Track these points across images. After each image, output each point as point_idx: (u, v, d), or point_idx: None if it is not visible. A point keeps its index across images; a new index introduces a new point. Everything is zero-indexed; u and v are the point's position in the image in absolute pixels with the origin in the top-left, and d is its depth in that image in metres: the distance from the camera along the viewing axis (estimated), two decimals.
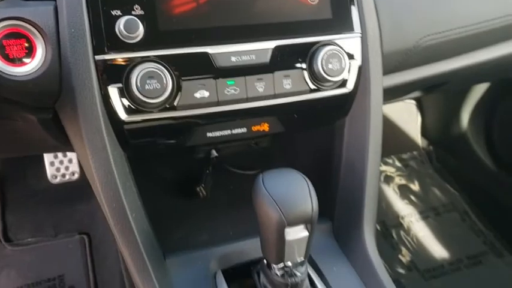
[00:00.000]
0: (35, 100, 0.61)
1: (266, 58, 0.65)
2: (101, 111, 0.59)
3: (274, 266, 0.62)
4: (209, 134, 0.69)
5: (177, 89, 0.61)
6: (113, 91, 0.59)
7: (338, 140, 0.76)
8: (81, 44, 0.58)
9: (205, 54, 0.63)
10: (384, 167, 1.87)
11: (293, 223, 0.57)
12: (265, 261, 0.64)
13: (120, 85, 0.59)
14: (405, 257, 1.61)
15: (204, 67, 0.63)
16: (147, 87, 0.59)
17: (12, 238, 1.40)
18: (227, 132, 0.70)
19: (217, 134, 0.69)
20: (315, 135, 0.81)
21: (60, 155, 1.44)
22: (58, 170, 1.44)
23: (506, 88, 1.63)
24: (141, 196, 0.67)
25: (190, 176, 0.84)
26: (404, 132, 1.96)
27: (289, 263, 0.62)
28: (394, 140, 1.92)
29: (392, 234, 1.64)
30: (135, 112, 0.61)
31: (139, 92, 0.58)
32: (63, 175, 1.45)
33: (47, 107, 0.63)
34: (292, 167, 0.61)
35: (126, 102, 0.60)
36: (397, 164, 1.89)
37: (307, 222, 0.58)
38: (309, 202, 0.57)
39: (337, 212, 0.77)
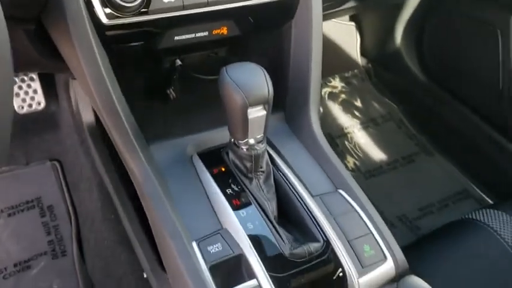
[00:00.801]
0: (22, 10, 0.70)
1: None
2: (85, 16, 0.69)
3: (240, 142, 0.77)
4: (176, 38, 0.80)
5: None
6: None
7: (286, 42, 0.90)
8: None
9: None
10: (328, 86, 2.04)
11: (254, 104, 0.70)
12: (232, 140, 0.78)
13: None
14: (349, 162, 1.82)
15: None
16: None
17: None
18: (191, 35, 0.81)
19: (183, 37, 0.81)
20: (266, 42, 0.94)
21: (24, 86, 1.50)
22: (24, 100, 1.50)
23: (433, 4, 1.80)
24: None
25: (160, 83, 0.96)
26: (346, 53, 2.12)
27: (251, 140, 0.76)
28: (336, 60, 2.08)
29: (337, 143, 1.84)
30: (115, 17, 0.71)
31: None
32: (30, 105, 1.52)
33: (32, 18, 0.72)
34: None
35: (106, 7, 0.70)
36: (340, 82, 2.07)
37: (265, 103, 0.72)
38: (266, 86, 0.71)
39: (288, 103, 0.92)
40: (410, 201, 1.71)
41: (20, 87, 1.49)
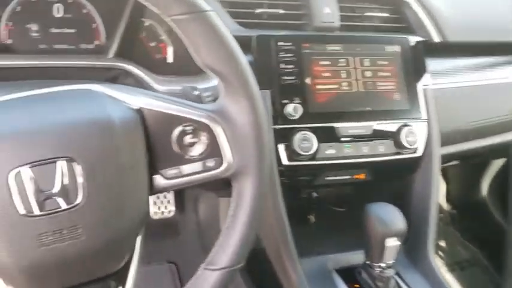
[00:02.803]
0: None
1: (370, 131, 1.04)
2: (274, 158, 0.97)
3: (374, 265, 0.96)
4: (327, 178, 1.06)
5: (317, 148, 0.99)
6: (281, 147, 0.97)
7: (409, 188, 1.13)
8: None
9: (333, 127, 1.01)
10: None
11: (391, 235, 0.92)
12: (367, 262, 0.98)
13: (286, 143, 0.97)
14: None
15: (333, 135, 1.01)
16: (302, 145, 0.96)
17: None
18: (338, 177, 1.07)
19: (332, 178, 1.06)
20: (392, 186, 1.17)
21: (162, 196, 1.79)
22: (159, 208, 1.79)
23: None
24: None
25: (302, 210, 1.21)
26: None
27: (383, 264, 0.96)
28: None
29: None
30: (292, 160, 0.98)
31: (298, 148, 0.96)
32: (162, 213, 1.80)
33: None
34: None
35: (288, 153, 0.98)
36: None
37: (399, 235, 0.93)
38: (401, 222, 0.93)
39: (409, 237, 1.11)
40: None
41: (158, 197, 1.79)
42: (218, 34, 0.62)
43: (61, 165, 0.55)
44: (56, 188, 0.55)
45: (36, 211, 0.55)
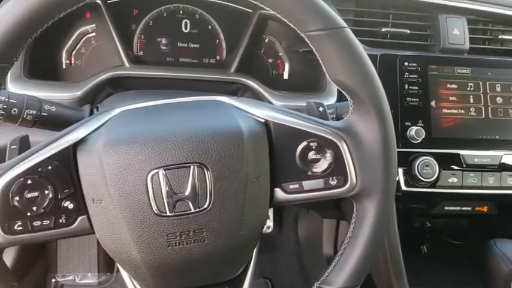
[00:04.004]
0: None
1: (497, 162, 0.96)
2: None
3: None
4: (446, 208, 1.00)
5: (439, 175, 0.93)
6: (400, 171, 0.93)
7: None
8: None
9: (458, 154, 0.95)
10: None
11: None
12: None
13: (405, 167, 0.93)
14: None
15: (456, 163, 0.95)
16: (423, 171, 0.92)
17: None
18: (456, 208, 1.00)
19: (450, 208, 1.00)
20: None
21: None
22: None
23: None
24: None
25: (414, 238, 1.15)
26: None
27: None
28: None
29: None
30: (411, 186, 0.94)
31: (418, 173, 0.92)
32: None
33: None
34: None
35: (407, 179, 0.93)
36: None
37: None
38: None
39: None
40: None
41: None
42: (354, 51, 0.61)
43: (194, 170, 0.58)
44: (188, 192, 0.58)
45: (168, 212, 0.57)
